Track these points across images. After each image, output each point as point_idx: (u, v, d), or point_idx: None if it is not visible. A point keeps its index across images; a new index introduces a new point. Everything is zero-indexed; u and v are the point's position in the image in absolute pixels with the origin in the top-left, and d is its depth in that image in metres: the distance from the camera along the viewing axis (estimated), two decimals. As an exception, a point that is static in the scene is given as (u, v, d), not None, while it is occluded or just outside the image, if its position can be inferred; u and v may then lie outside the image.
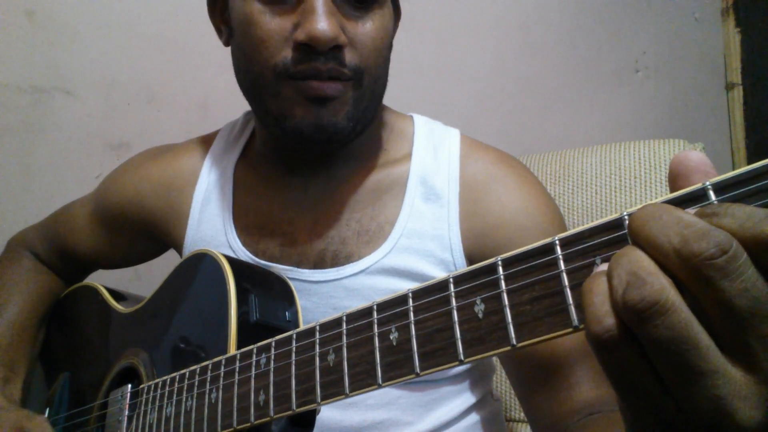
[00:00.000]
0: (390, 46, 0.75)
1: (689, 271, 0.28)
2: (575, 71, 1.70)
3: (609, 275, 0.31)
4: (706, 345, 0.28)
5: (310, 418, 0.59)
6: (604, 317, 0.30)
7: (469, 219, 0.76)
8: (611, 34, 1.72)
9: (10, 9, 1.31)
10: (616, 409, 0.49)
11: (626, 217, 0.33)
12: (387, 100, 0.82)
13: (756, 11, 1.73)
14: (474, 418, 0.82)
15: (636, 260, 0.30)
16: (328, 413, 0.75)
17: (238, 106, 0.89)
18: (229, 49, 0.77)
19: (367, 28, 0.69)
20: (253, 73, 0.70)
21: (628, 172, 1.12)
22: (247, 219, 0.82)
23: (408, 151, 0.81)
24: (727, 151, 1.78)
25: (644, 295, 0.28)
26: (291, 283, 0.74)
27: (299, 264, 0.78)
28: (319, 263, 0.77)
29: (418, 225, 0.76)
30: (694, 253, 0.28)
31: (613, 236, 0.34)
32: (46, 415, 0.87)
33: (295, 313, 0.70)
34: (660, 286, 0.28)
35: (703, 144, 1.12)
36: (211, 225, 0.84)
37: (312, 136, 0.69)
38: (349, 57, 0.67)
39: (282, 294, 0.72)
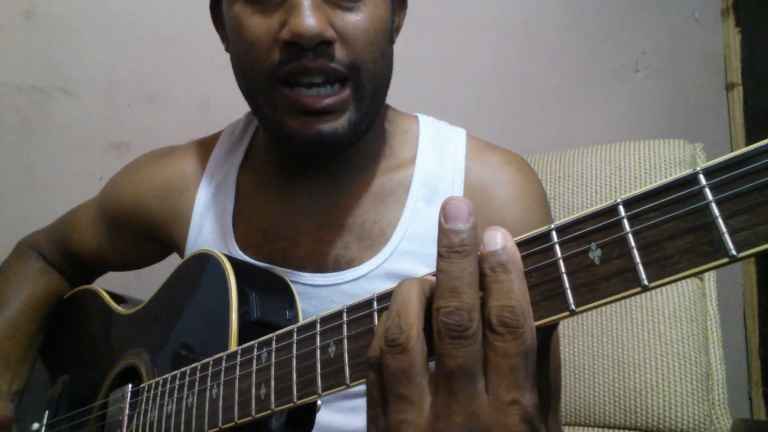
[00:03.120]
0: (388, 38, 0.72)
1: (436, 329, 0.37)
2: (575, 71, 1.70)
3: (390, 302, 0.40)
4: (417, 383, 0.37)
5: (308, 419, 0.59)
6: (375, 348, 0.40)
7: None
8: (611, 34, 1.72)
9: (9, 9, 1.31)
10: None
11: (620, 203, 0.35)
12: (387, 100, 0.82)
13: (756, 11, 1.73)
14: None
15: (405, 302, 0.39)
16: (330, 417, 0.75)
17: (238, 106, 0.88)
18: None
19: (357, 19, 0.66)
20: (247, 77, 0.69)
21: (628, 172, 1.12)
22: (249, 223, 0.82)
23: (413, 153, 0.80)
24: (727, 151, 1.76)
25: (394, 336, 0.38)
26: (292, 284, 0.74)
27: (301, 267, 0.77)
28: (321, 267, 0.77)
29: (420, 228, 0.76)
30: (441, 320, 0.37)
31: (607, 222, 0.35)
32: (46, 416, 0.87)
33: (296, 315, 0.70)
34: (407, 335, 0.37)
35: (703, 144, 1.12)
36: (211, 229, 0.83)
37: (311, 146, 0.67)
38: (340, 53, 0.65)
39: (283, 293, 0.71)
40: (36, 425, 0.87)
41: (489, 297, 0.36)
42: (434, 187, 0.77)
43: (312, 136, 0.66)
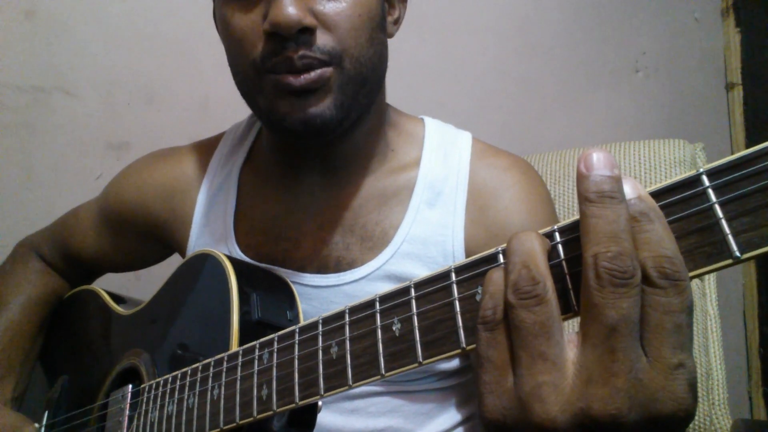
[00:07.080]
0: (376, 26, 0.70)
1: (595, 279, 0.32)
2: (575, 71, 1.70)
3: (507, 256, 0.36)
4: (557, 340, 0.33)
5: (310, 419, 0.59)
6: (495, 306, 0.36)
7: (474, 226, 0.75)
8: (611, 34, 1.72)
9: (9, 9, 1.31)
10: None
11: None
12: (387, 100, 0.82)
13: (756, 11, 1.73)
14: (478, 426, 0.81)
15: (531, 252, 0.35)
16: (331, 419, 0.75)
17: (239, 106, 0.88)
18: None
19: (339, 6, 0.66)
20: (239, 73, 0.70)
21: (628, 172, 1.12)
22: (251, 223, 0.81)
23: (417, 156, 0.80)
24: (727, 151, 1.78)
25: (529, 290, 0.34)
26: (292, 285, 0.74)
27: (302, 268, 0.77)
28: (322, 268, 0.77)
29: (422, 231, 0.75)
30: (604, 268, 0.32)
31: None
32: (45, 417, 0.86)
33: (297, 315, 0.70)
34: (544, 285, 0.34)
35: (703, 144, 1.12)
36: (213, 229, 0.83)
37: (300, 132, 0.67)
38: (323, 40, 0.65)
39: (284, 294, 0.72)
40: (35, 425, 0.87)
41: (637, 249, 0.33)
42: (438, 190, 0.77)
43: (300, 119, 0.66)
